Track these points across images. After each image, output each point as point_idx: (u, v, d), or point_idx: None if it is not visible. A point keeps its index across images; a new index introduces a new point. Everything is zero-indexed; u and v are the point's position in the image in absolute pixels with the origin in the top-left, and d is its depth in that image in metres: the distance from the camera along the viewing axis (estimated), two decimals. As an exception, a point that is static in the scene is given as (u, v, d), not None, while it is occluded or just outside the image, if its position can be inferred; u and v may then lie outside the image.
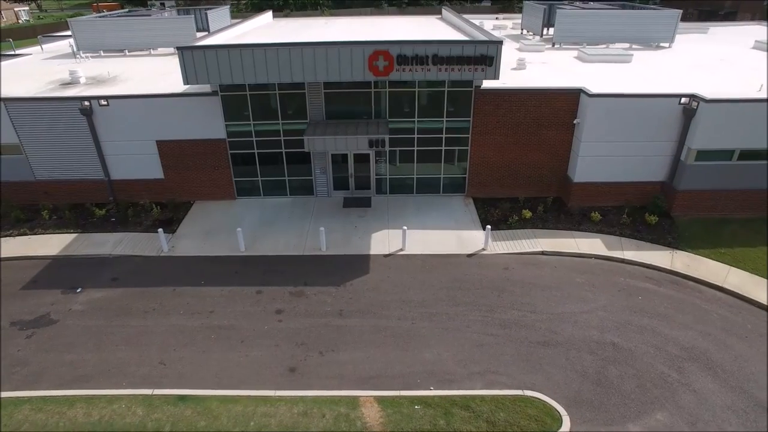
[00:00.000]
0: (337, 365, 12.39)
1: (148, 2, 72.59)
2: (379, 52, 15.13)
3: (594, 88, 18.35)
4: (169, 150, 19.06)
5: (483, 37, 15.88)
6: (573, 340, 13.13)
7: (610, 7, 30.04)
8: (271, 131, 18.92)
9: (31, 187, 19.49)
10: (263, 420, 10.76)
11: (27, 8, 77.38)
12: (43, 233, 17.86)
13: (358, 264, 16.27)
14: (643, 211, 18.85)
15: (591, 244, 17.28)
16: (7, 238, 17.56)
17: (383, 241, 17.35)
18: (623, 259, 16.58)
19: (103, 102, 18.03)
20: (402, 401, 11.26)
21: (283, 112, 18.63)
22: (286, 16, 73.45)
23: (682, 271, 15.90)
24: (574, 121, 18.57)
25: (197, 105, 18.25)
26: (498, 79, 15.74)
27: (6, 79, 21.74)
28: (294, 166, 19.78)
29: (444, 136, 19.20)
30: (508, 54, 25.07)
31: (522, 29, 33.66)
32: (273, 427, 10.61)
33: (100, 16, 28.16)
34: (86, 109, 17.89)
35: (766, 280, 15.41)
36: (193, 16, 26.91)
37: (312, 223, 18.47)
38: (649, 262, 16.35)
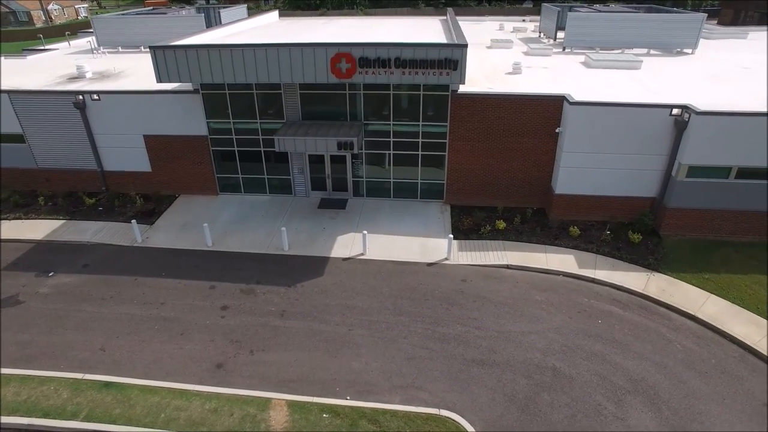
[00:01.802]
0: (263, 365, 12.47)
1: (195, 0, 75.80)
2: (341, 54, 15.03)
3: (589, 96, 17.45)
4: (155, 144, 19.84)
5: (449, 41, 15.41)
6: (511, 362, 12.53)
7: (628, 10, 28.33)
8: (249, 129, 19.27)
9: (33, 174, 20.87)
10: (174, 413, 11.00)
11: (86, 5, 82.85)
12: (35, 218, 19.09)
13: (316, 266, 16.27)
14: (630, 228, 17.70)
15: (562, 260, 16.41)
16: (4, 221, 18.90)
17: (346, 245, 17.25)
18: (593, 278, 15.63)
19: (95, 97, 19.01)
20: (312, 408, 11.17)
21: (261, 112, 18.93)
22: (322, 14, 74.54)
23: (654, 296, 14.78)
24: (557, 130, 17.68)
25: (180, 102, 18.87)
26: (463, 83, 15.23)
27: (24, 72, 23.38)
28: (273, 165, 20.06)
29: (420, 140, 18.83)
30: (508, 58, 24.27)
31: (539, 32, 32.48)
32: (181, 421, 10.83)
33: (120, 15, 29.66)
34: (79, 103, 18.94)
35: (746, 310, 14.08)
36: (203, 14, 27.81)
37: (283, 223, 18.64)
38: (620, 284, 15.32)
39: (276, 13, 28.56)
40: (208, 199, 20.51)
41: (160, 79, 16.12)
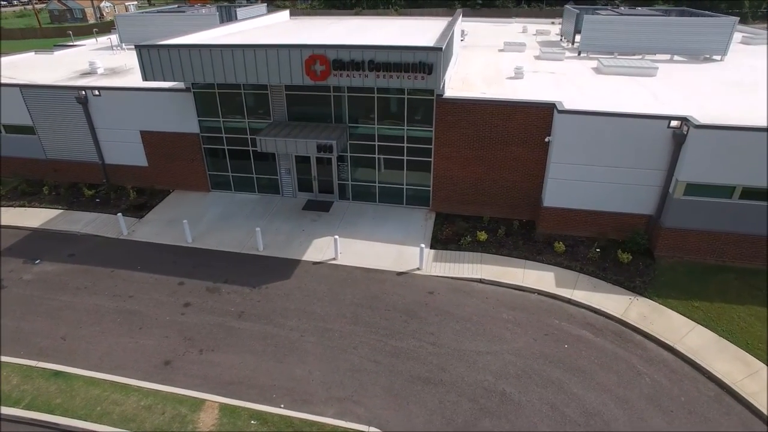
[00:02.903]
0: (208, 365, 12.49)
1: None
2: (315, 56, 14.81)
3: (589, 104, 16.51)
4: (151, 140, 20.41)
5: (425, 44, 14.83)
6: (459, 382, 11.93)
7: (655, 13, 26.55)
8: (238, 128, 19.46)
9: (42, 164, 21.98)
10: (109, 407, 11.18)
11: (136, 2, 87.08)
12: (37, 207, 20.08)
13: (286, 268, 16.18)
14: (622, 246, 16.54)
15: (540, 277, 15.53)
16: (8, 208, 20.01)
17: (321, 249, 17.07)
18: (569, 299, 14.69)
19: (96, 92, 19.77)
20: (243, 413, 11.05)
21: (249, 111, 19.07)
22: (357, 14, 74.94)
23: (632, 322, 13.71)
24: (546, 139, 16.75)
25: (173, 100, 19.30)
26: (439, 88, 14.66)
27: (46, 67, 24.75)
28: (261, 164, 20.17)
29: (405, 145, 18.37)
30: (516, 62, 23.32)
31: (561, 36, 31.08)
32: (114, 416, 10.99)
33: (141, 12, 30.80)
34: (81, 98, 19.75)
35: (733, 345, 12.77)
36: (217, 13, 28.42)
37: (265, 223, 18.70)
38: (597, 306, 14.31)
39: (287, 12, 28.76)
40: (199, 196, 20.89)
41: (145, 78, 16.50)
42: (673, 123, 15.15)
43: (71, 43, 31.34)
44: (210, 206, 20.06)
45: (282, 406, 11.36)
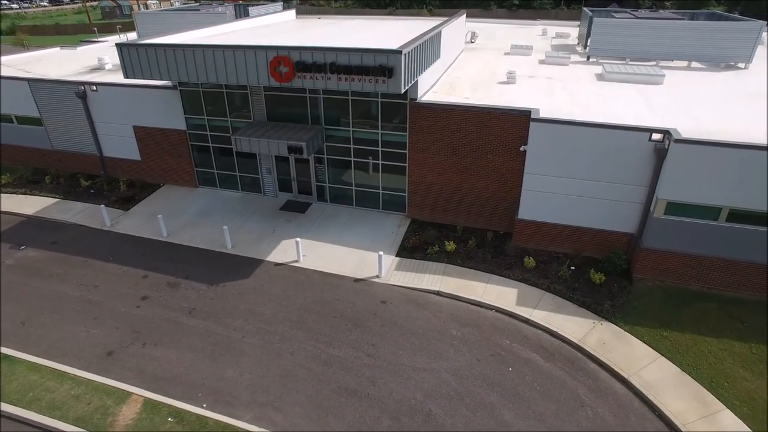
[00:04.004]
0: (147, 359, 12.69)
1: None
2: (279, 57, 14.73)
3: (574, 113, 15.61)
4: (143, 135, 21.09)
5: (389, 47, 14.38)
6: (386, 398, 11.52)
7: (677, 17, 24.77)
8: (221, 127, 19.74)
9: (49, 154, 23.19)
10: (41, 394, 11.57)
11: (179, 1, 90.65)
12: (37, 195, 21.18)
13: (247, 267, 16.24)
14: (599, 265, 15.52)
15: (501, 293, 14.80)
16: (12, 195, 21.23)
17: (287, 250, 17.01)
18: (527, 318, 13.90)
19: (93, 88, 20.64)
20: (163, 409, 11.14)
21: (231, 110, 19.30)
22: (390, 14, 74.78)
23: (590, 348, 12.78)
24: (522, 148, 15.94)
25: (162, 97, 19.85)
26: (400, 92, 14.19)
27: (62, 61, 26.14)
28: (245, 163, 20.39)
29: (380, 149, 18.02)
30: (518, 66, 22.42)
31: (578, 40, 29.62)
32: (43, 402, 11.36)
33: (160, 10, 31.91)
34: (80, 92, 20.68)
35: (696, 381, 11.65)
36: (226, 11, 29.05)
37: (241, 221, 18.88)
38: (555, 329, 13.46)
39: (293, 12, 28.96)
40: (186, 191, 21.38)
41: (126, 75, 16.98)
42: (655, 136, 14.04)
43: (95, 39, 32.93)
44: (193, 202, 20.49)
45: (204, 405, 11.37)
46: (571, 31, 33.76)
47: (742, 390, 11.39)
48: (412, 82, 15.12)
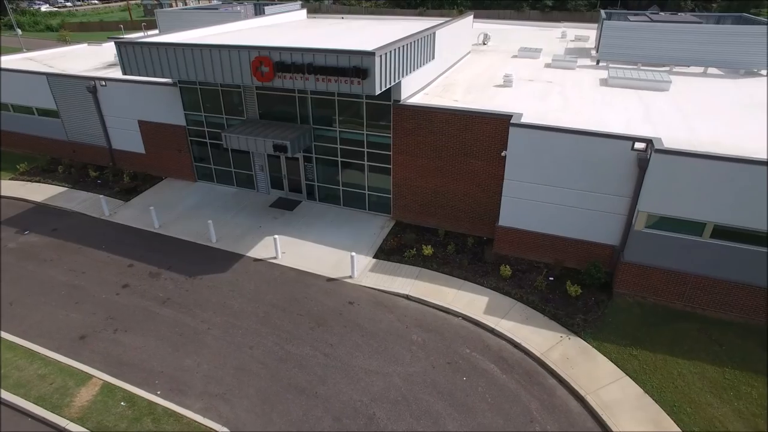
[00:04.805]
0: (115, 344, 13.21)
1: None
2: (261, 58, 14.95)
3: (564, 118, 15.19)
4: (147, 129, 21.92)
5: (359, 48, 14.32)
6: (332, 399, 11.54)
7: (696, 20, 23.49)
8: (218, 124, 20.26)
9: (64, 145, 24.46)
10: (10, 372, 12.23)
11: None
12: (49, 183, 22.39)
13: (227, 262, 16.62)
14: (578, 277, 15.00)
15: (471, 301, 14.52)
16: (26, 182, 22.53)
17: (268, 246, 17.27)
18: (493, 328, 13.57)
19: (103, 83, 21.63)
20: (119, 394, 11.57)
21: (226, 108, 19.78)
22: (420, 14, 74.45)
23: (551, 363, 12.36)
24: (502, 153, 15.57)
25: (163, 93, 20.57)
26: (374, 93, 14.11)
27: (84, 57, 27.50)
28: (239, 160, 20.85)
29: (366, 150, 18.02)
30: (522, 69, 21.94)
31: (595, 43, 28.56)
32: (11, 380, 12.01)
33: (181, 9, 33.01)
34: (91, 87, 21.72)
35: (657, 404, 11.06)
36: (241, 10, 29.75)
37: (230, 216, 19.33)
38: (520, 341, 13.09)
39: (304, 11, 29.33)
40: (185, 185, 22.08)
41: (124, 71, 17.71)
42: (638, 145, 13.42)
43: (120, 37, 34.37)
44: (189, 196, 21.13)
45: (158, 393, 11.74)
46: (591, 34, 32.67)
47: (705, 416, 10.74)
48: (391, 83, 14.99)
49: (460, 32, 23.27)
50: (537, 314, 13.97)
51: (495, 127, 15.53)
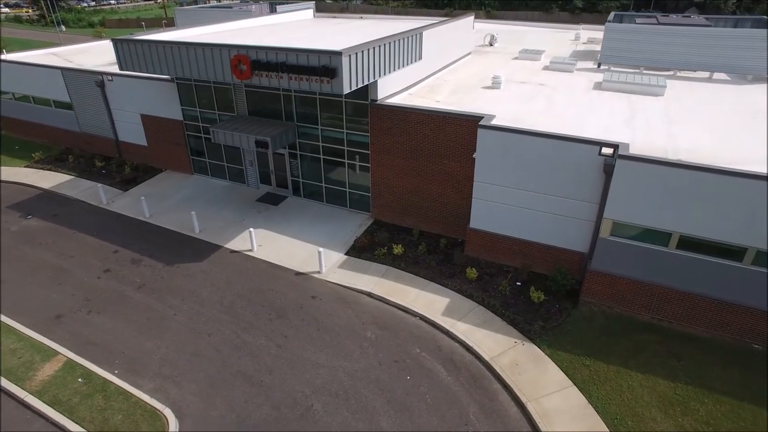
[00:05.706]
0: (86, 325, 13.95)
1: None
2: (239, 56, 15.41)
3: (543, 121, 14.98)
4: (148, 123, 22.90)
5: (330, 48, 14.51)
6: (275, 388, 11.82)
7: (706, 24, 22.49)
8: (211, 119, 20.94)
9: (77, 135, 25.83)
10: (-13, 344, 13.19)
11: None
12: (58, 172, 23.72)
13: (205, 252, 17.21)
14: (544, 283, 14.76)
15: (431, 301, 14.51)
16: (38, 170, 23.96)
17: (246, 239, 17.75)
18: (448, 330, 13.53)
19: (110, 78, 22.75)
20: (78, 370, 12.23)
21: (218, 103, 20.43)
22: (447, 15, 74.00)
23: (499, 368, 12.24)
24: (473, 155, 15.46)
25: (162, 88, 21.44)
26: (343, 93, 14.31)
27: (102, 53, 28.89)
28: (231, 154, 21.49)
29: (346, 148, 18.25)
30: (520, 71, 21.70)
31: (603, 44, 27.77)
32: (-12, 352, 12.95)
33: (198, 7, 34.19)
34: (99, 81, 22.88)
35: (598, 414, 10.80)
36: (252, 9, 30.56)
37: (217, 208, 19.97)
38: (472, 344, 13.01)
39: (310, 11, 29.82)
40: (182, 177, 22.92)
41: (121, 67, 18.62)
42: (605, 150, 13.10)
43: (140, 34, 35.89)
44: (184, 188, 21.94)
45: (116, 372, 12.35)
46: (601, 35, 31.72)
47: (644, 431, 10.43)
48: (364, 83, 15.15)
49: (457, 33, 23.15)
50: (495, 318, 13.84)
51: (468, 129, 15.44)
